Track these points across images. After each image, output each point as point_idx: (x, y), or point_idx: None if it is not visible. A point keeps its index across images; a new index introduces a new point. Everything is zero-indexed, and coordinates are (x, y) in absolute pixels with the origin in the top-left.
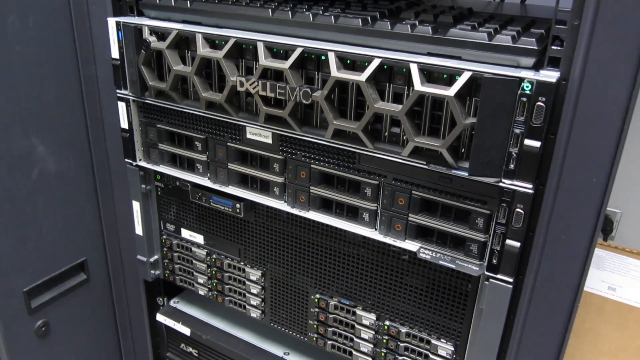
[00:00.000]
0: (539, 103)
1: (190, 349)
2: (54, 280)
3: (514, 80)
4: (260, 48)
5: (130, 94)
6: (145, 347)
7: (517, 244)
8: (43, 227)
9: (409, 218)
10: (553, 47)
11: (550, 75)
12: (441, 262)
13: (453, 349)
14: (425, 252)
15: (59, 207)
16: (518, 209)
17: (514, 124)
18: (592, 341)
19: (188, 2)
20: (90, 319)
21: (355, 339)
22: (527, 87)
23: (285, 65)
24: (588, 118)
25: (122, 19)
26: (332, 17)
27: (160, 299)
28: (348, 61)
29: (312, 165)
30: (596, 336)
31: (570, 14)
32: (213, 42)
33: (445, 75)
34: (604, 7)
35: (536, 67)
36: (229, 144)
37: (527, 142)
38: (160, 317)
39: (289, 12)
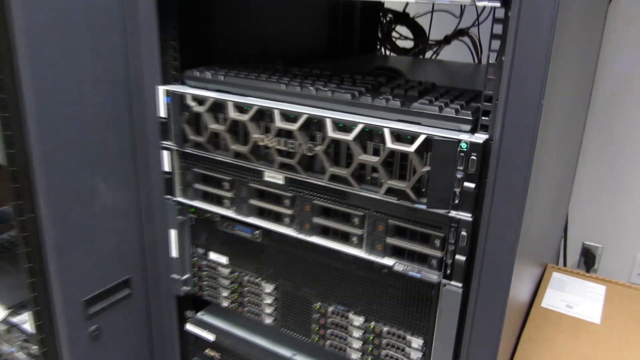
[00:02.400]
0: (472, 157)
1: (213, 354)
2: (106, 293)
3: (455, 141)
4: (277, 114)
5: (173, 144)
6: (174, 351)
7: (464, 258)
8: (100, 249)
9: (386, 240)
10: (483, 118)
11: (480, 137)
12: (410, 273)
13: (423, 342)
14: (399, 266)
15: (112, 233)
16: (463, 232)
17: (456, 171)
18: (547, 347)
19: (221, 76)
20: (131, 326)
21: (348, 338)
22: (464, 145)
23: (294, 127)
24: (506, 167)
25: (170, 87)
26: (330, 91)
27: (189, 312)
28: (340, 125)
29: (314, 201)
30: (550, 344)
31: (493, 94)
32: (241, 108)
33: (409, 137)
34: (513, 91)
35: (472, 131)
36: (250, 184)
37: (466, 184)
38: (189, 327)
39: (298, 87)
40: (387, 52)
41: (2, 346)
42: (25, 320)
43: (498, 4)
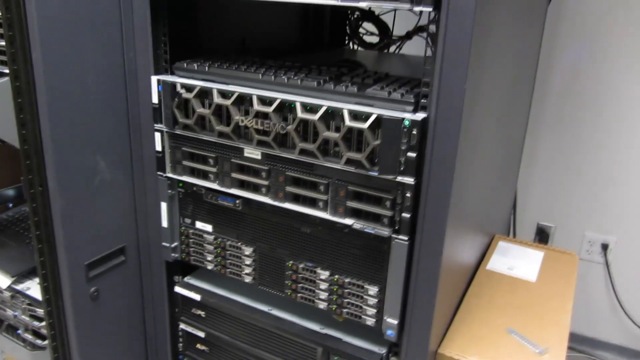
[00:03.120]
0: (413, 132)
1: (199, 312)
2: (103, 259)
3: (399, 119)
4: (255, 98)
5: (164, 127)
6: (164, 312)
7: (409, 215)
8: (99, 220)
9: (347, 204)
10: (422, 100)
11: (419, 116)
12: (366, 230)
13: (378, 289)
14: (357, 225)
15: (110, 205)
16: (407, 194)
17: (401, 144)
18: (488, 300)
19: (206, 67)
20: (126, 288)
21: (316, 290)
22: (407, 123)
23: (270, 109)
24: (440, 140)
25: (161, 77)
26: (299, 80)
27: (177, 277)
28: (308, 107)
29: (286, 173)
30: (491, 297)
31: (430, 81)
32: (224, 94)
33: (363, 116)
34: (443, 78)
35: (414, 111)
36: (232, 160)
37: (409, 154)
38: (177, 289)
39: (273, 76)
40: (355, 47)
41: (7, 312)
42: (29, 287)
43: (430, 9)
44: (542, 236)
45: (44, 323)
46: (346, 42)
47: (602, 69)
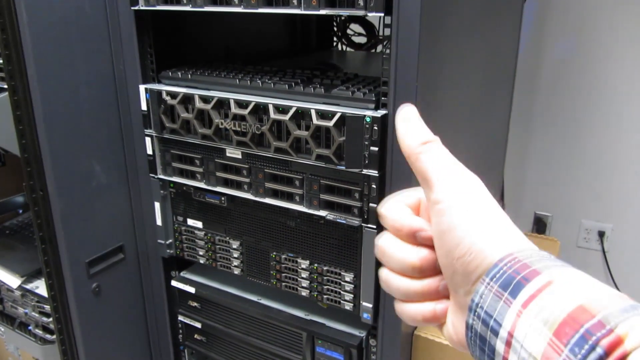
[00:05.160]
0: (375, 128)
1: (195, 304)
2: (103, 257)
3: (361, 117)
4: (232, 102)
5: (153, 132)
6: (163, 305)
7: (375, 205)
8: (97, 220)
9: (320, 197)
10: (383, 98)
11: (380, 113)
12: (339, 220)
13: (353, 275)
14: (330, 216)
15: (107, 207)
16: (373, 185)
17: (364, 139)
18: None
19: (189, 75)
20: (126, 284)
21: (298, 279)
22: (368, 119)
23: (246, 112)
24: None
25: (148, 86)
26: (272, 83)
27: (174, 272)
28: (280, 108)
29: (265, 170)
30: None
31: (388, 80)
32: (205, 99)
33: (329, 115)
34: (398, 77)
35: (376, 109)
36: (216, 160)
37: (372, 148)
38: (174, 283)
39: (248, 81)
40: (344, 48)
41: (19, 310)
42: (37, 286)
43: (382, 14)
44: (539, 225)
45: (51, 319)
46: (335, 43)
47: (592, 60)
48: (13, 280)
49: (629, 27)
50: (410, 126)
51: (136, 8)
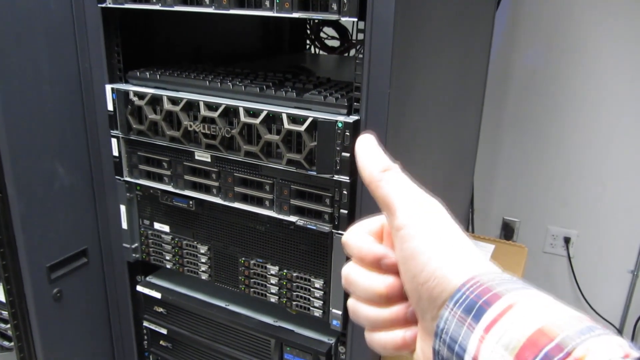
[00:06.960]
0: (347, 133)
1: (161, 309)
2: (66, 261)
3: (333, 122)
4: (202, 104)
5: (120, 133)
6: (128, 311)
7: (346, 212)
8: (60, 223)
9: (290, 202)
10: (355, 104)
11: (352, 118)
12: (309, 226)
13: (323, 282)
14: (300, 221)
15: (70, 209)
16: (344, 191)
17: (336, 145)
18: None
19: (158, 75)
20: (89, 289)
21: (267, 284)
22: (340, 125)
23: (215, 114)
24: None
25: (115, 86)
26: (243, 86)
27: (139, 277)
28: (250, 112)
29: (234, 174)
30: None
31: (360, 85)
32: (174, 101)
33: (301, 119)
34: (371, 83)
35: (348, 114)
36: (184, 163)
37: (343, 154)
38: (139, 288)
39: (219, 83)
40: (317, 51)
41: None
42: None
43: (356, 19)
44: (507, 230)
45: (9, 325)
46: (307, 46)
47: (562, 69)
48: None
49: (598, 37)
50: (369, 155)
51: (103, 5)
